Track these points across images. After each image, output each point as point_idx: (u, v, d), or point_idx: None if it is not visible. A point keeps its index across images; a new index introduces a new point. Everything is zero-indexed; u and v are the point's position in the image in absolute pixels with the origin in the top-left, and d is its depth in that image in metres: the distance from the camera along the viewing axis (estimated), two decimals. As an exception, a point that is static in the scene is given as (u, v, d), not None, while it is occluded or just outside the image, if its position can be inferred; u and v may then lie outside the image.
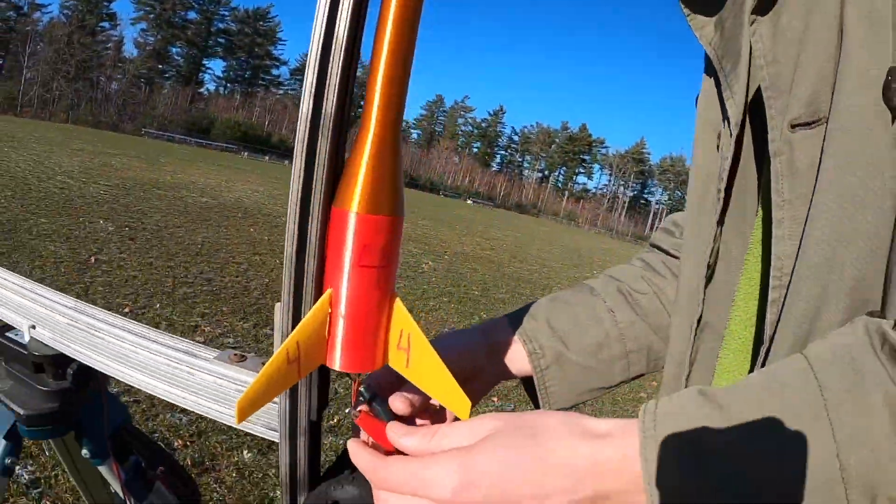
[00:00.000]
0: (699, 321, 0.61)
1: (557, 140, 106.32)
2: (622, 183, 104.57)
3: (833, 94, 0.48)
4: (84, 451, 0.82)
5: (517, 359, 0.69)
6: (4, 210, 6.94)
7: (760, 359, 0.51)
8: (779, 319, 0.49)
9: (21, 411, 0.73)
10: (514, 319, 0.71)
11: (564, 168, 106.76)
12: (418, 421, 0.58)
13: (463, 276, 9.19)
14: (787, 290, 0.49)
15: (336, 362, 0.47)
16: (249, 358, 0.63)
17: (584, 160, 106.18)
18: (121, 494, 0.86)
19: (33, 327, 0.69)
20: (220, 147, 52.67)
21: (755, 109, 0.55)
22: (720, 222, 0.59)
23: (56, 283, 4.64)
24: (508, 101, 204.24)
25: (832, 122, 0.48)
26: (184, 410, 2.81)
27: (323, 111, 0.44)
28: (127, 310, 4.36)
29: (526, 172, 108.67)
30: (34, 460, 2.28)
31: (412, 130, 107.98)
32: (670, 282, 0.75)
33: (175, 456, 2.54)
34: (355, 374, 0.51)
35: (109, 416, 0.83)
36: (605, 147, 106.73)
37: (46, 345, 0.69)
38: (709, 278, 0.60)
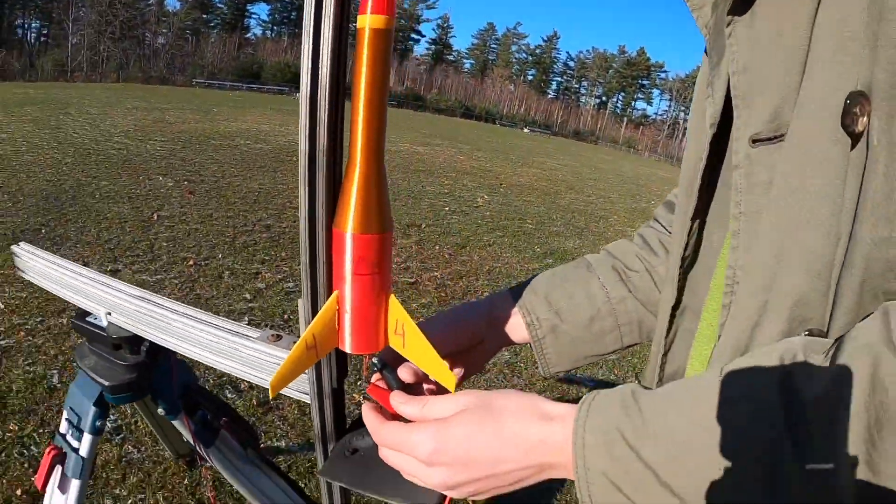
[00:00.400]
0: (676, 305, 0.63)
1: (615, 65, 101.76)
2: (683, 108, 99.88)
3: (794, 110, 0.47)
4: (160, 410, 0.98)
5: (518, 328, 0.76)
6: (67, 177, 7.09)
7: (709, 357, 0.54)
8: (724, 323, 0.52)
9: (106, 382, 0.89)
10: (517, 293, 0.77)
11: (623, 94, 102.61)
12: (425, 387, 0.67)
13: (518, 210, 9.04)
14: (734, 297, 0.51)
15: (346, 346, 0.58)
16: (284, 337, 0.76)
17: (642, 85, 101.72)
18: (192, 442, 1.02)
19: (109, 314, 0.83)
20: (272, 90, 52.89)
21: None
22: (693, 218, 0.60)
23: (122, 243, 4.89)
24: (562, 25, 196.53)
25: (789, 140, 0.47)
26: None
27: (317, 148, 0.53)
28: (191, 262, 4.55)
29: (583, 99, 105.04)
30: (116, 410, 2.51)
31: (465, 60, 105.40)
32: (663, 260, 0.77)
33: (242, 396, 2.79)
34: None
35: (178, 380, 0.98)
36: (665, 71, 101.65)
37: (121, 327, 0.84)
38: (689, 265, 0.62)
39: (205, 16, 75.93)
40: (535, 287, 0.77)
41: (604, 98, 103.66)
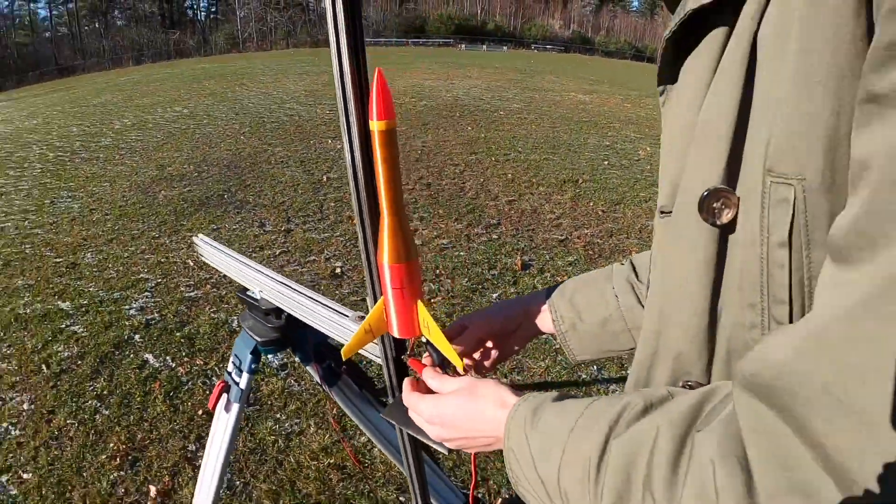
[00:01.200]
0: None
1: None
2: None
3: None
4: (296, 358, 1.35)
5: (546, 321, 0.88)
6: (245, 145, 7.58)
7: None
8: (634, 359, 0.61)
9: (258, 339, 1.26)
10: (550, 292, 0.89)
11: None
12: (465, 360, 0.88)
13: (681, 163, 8.34)
14: (641, 339, 0.59)
15: (393, 332, 0.86)
16: (366, 318, 1.07)
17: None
18: (319, 382, 1.40)
19: (261, 291, 1.21)
20: (437, 43, 53.44)
21: None
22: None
23: (295, 204, 5.36)
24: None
25: (673, 218, 0.51)
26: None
27: (363, 208, 0.81)
28: (355, 221, 4.96)
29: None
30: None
31: (632, 0, 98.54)
32: None
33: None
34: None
35: (311, 338, 1.35)
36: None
37: (269, 301, 1.22)
38: None
39: (367, -24, 77.14)
40: (563, 289, 0.89)
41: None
